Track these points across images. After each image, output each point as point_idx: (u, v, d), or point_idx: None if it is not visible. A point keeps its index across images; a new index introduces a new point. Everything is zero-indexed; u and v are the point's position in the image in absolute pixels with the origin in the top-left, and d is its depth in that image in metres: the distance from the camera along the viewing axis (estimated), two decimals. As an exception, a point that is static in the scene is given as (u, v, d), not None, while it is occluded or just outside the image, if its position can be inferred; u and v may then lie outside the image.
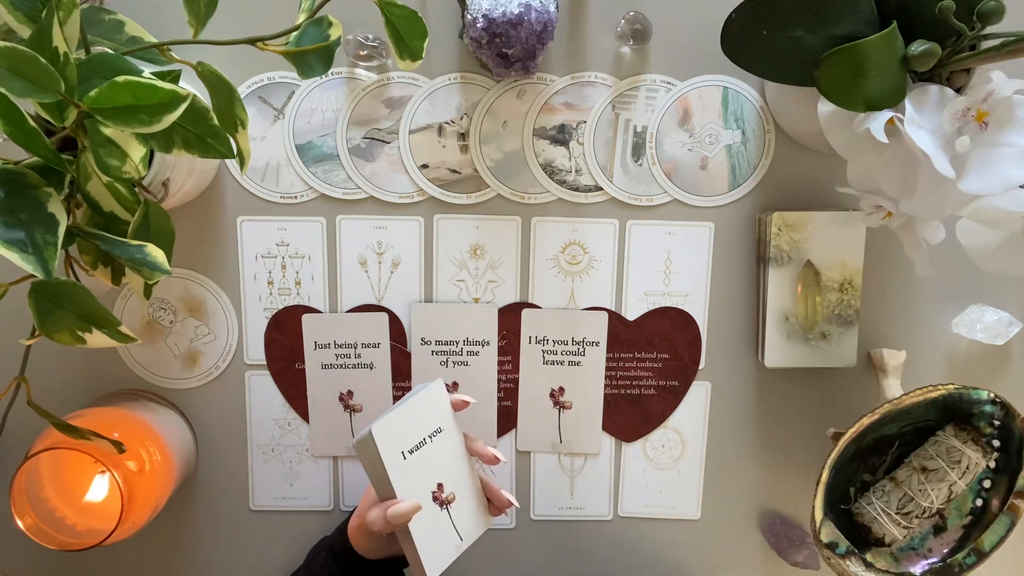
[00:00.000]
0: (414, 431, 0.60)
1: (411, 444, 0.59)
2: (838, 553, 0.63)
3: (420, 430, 0.60)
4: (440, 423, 0.61)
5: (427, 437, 0.60)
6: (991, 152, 0.52)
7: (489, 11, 0.60)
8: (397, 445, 0.58)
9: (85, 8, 0.49)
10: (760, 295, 0.70)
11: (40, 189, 0.44)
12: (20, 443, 0.62)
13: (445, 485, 0.61)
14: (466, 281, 0.71)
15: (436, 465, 0.61)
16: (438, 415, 0.61)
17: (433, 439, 0.61)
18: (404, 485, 0.58)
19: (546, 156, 0.70)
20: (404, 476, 0.58)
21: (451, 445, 0.62)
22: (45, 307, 0.47)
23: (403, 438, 0.59)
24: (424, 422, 0.60)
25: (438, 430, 0.61)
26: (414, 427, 0.60)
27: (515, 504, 0.63)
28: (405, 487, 0.58)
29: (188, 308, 0.70)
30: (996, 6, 0.50)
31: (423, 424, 0.60)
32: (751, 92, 0.69)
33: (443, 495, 0.61)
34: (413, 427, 0.60)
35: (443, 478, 0.61)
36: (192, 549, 0.73)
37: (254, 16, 0.66)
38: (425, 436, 0.60)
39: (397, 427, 0.59)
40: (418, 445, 0.60)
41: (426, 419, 0.61)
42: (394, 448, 0.58)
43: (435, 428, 0.61)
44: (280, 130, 0.68)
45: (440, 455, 0.61)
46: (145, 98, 0.42)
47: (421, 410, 0.60)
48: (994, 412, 0.64)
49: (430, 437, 0.60)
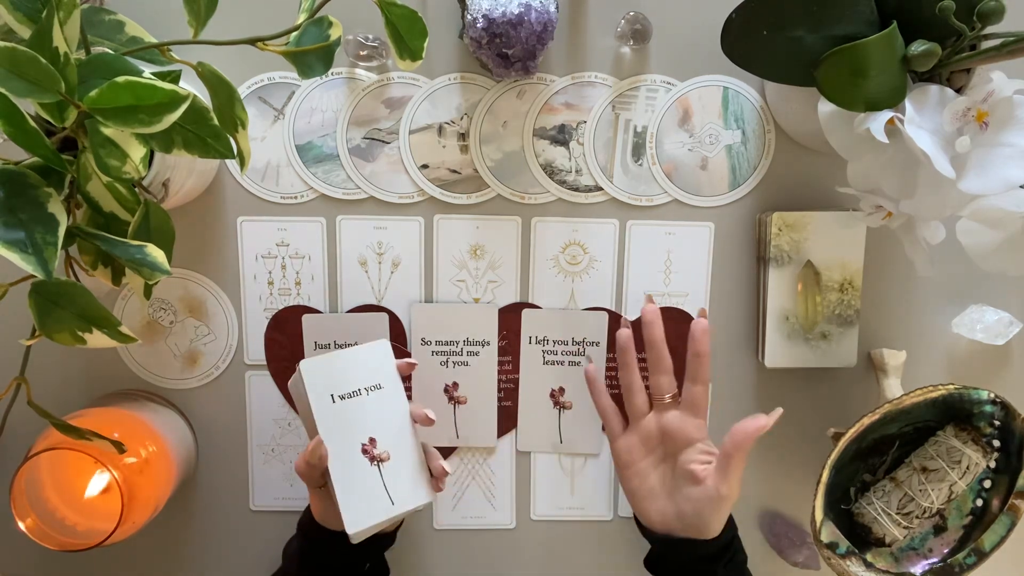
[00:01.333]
0: (349, 379, 0.60)
1: (343, 390, 0.60)
2: (838, 553, 0.63)
3: (356, 380, 0.61)
4: (381, 380, 0.61)
5: (364, 389, 0.61)
6: (991, 152, 0.52)
7: (489, 11, 0.60)
8: (327, 387, 0.59)
9: (85, 8, 0.49)
10: (760, 295, 0.70)
11: (40, 189, 0.44)
12: (20, 443, 0.62)
13: (378, 442, 0.60)
14: (466, 281, 0.71)
15: (370, 420, 0.60)
16: (380, 373, 0.62)
17: (370, 392, 0.61)
18: (329, 428, 0.59)
19: (546, 156, 0.70)
20: (331, 420, 0.59)
21: (391, 405, 0.62)
22: (45, 307, 0.47)
23: (335, 382, 0.60)
24: (362, 374, 0.61)
25: (377, 385, 0.61)
26: (350, 376, 0.60)
27: (448, 470, 0.62)
28: (330, 430, 0.59)
29: (188, 308, 0.70)
30: (996, 6, 0.50)
31: (361, 375, 0.61)
32: (751, 92, 0.69)
33: (375, 451, 0.60)
34: (349, 375, 0.60)
35: (376, 434, 0.60)
36: (192, 549, 0.73)
37: (254, 16, 0.66)
38: (361, 387, 0.61)
39: (329, 369, 0.59)
40: (351, 393, 0.60)
41: (365, 372, 0.61)
42: (323, 389, 0.59)
43: (374, 383, 0.61)
44: (280, 130, 0.68)
45: (376, 411, 0.61)
46: (145, 98, 0.42)
47: (360, 361, 0.61)
48: (994, 412, 0.64)
49: (367, 390, 0.61)
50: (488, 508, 0.74)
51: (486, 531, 0.74)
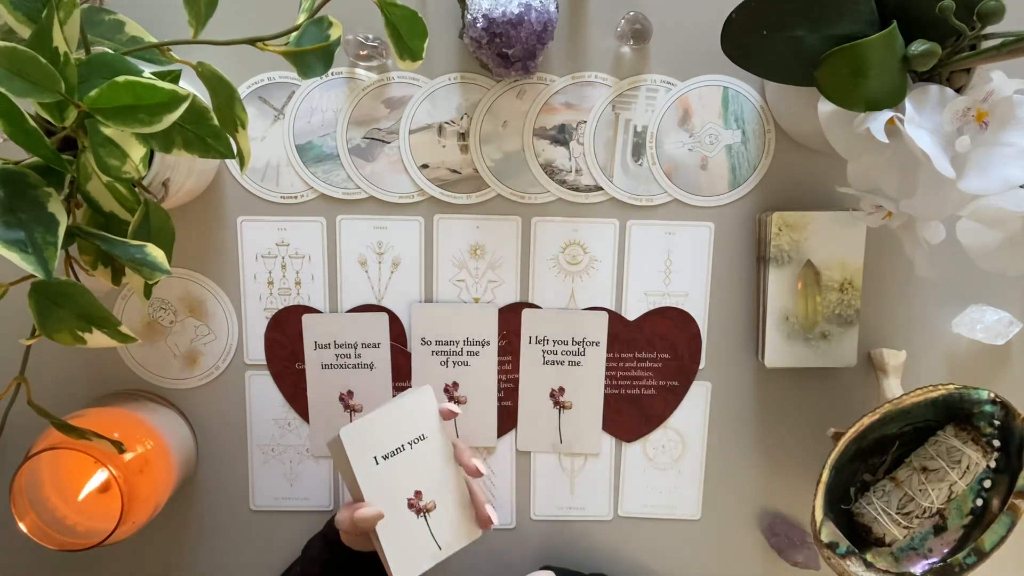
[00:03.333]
0: (391, 437, 0.59)
1: (386, 450, 0.59)
2: (838, 553, 0.63)
3: (399, 436, 0.59)
4: (424, 430, 0.61)
5: (407, 444, 0.60)
6: (991, 152, 0.52)
7: (489, 11, 0.60)
8: (369, 450, 0.58)
9: (85, 8, 0.49)
10: (760, 295, 0.70)
11: (40, 189, 0.44)
12: (20, 443, 0.62)
13: (424, 493, 0.60)
14: (466, 281, 0.71)
15: (415, 472, 0.60)
16: (422, 422, 0.61)
17: (414, 446, 0.60)
18: (374, 490, 0.58)
19: (546, 156, 0.70)
20: (374, 481, 0.58)
21: (435, 453, 0.61)
22: (45, 307, 0.47)
23: (377, 443, 0.58)
24: (404, 428, 0.60)
25: (421, 437, 0.60)
26: (392, 433, 0.59)
27: (494, 521, 0.62)
28: (375, 492, 0.58)
29: (188, 308, 0.70)
30: (996, 6, 0.50)
31: (403, 430, 0.60)
32: (751, 92, 0.69)
33: (420, 503, 0.60)
34: (390, 433, 0.59)
35: (422, 486, 0.60)
36: (192, 549, 0.73)
37: (254, 16, 0.66)
38: (404, 442, 0.60)
39: (370, 432, 0.58)
40: (394, 451, 0.59)
41: (407, 425, 0.60)
42: (365, 453, 0.58)
43: (417, 435, 0.60)
44: (280, 130, 0.68)
45: (420, 462, 0.60)
46: (145, 98, 0.42)
47: (401, 416, 0.60)
48: (994, 412, 0.64)
49: (410, 444, 0.60)
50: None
51: (486, 531, 0.74)
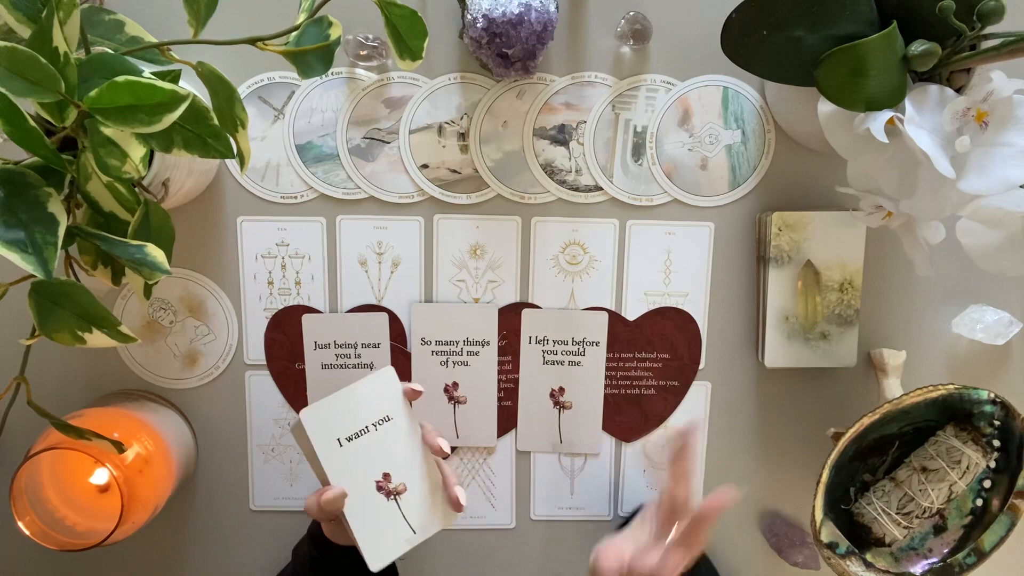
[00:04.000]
0: (354, 418, 0.58)
1: (350, 431, 0.58)
2: (838, 553, 0.63)
3: (362, 418, 0.58)
4: (388, 411, 0.59)
5: (371, 425, 0.58)
6: (991, 152, 0.52)
7: (489, 11, 0.60)
8: (332, 432, 0.57)
9: (85, 8, 0.49)
10: (760, 295, 0.70)
11: (40, 189, 0.44)
12: (20, 443, 0.62)
13: (393, 475, 0.59)
14: (466, 281, 0.71)
15: (382, 454, 0.59)
16: (386, 404, 0.59)
17: (378, 427, 0.59)
18: (339, 472, 0.57)
19: (546, 156, 0.70)
20: (340, 463, 0.57)
21: (402, 434, 0.60)
22: (45, 307, 0.47)
23: (340, 425, 0.57)
24: (368, 410, 0.59)
25: (385, 418, 0.59)
26: (354, 414, 0.58)
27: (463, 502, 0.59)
28: (341, 474, 0.57)
29: (188, 308, 0.70)
30: (996, 6, 0.50)
31: (366, 412, 0.58)
32: (751, 92, 0.69)
33: (390, 485, 0.59)
34: (353, 414, 0.58)
35: (391, 467, 0.59)
36: (192, 549, 0.73)
37: (254, 16, 0.66)
38: (368, 424, 0.58)
39: (332, 413, 0.57)
40: (358, 433, 0.58)
41: (370, 407, 0.59)
42: (328, 435, 0.57)
43: (382, 416, 0.59)
44: (280, 130, 0.68)
45: (387, 444, 0.59)
46: (145, 98, 0.42)
47: (363, 397, 0.58)
48: (994, 412, 0.64)
49: (375, 425, 0.59)
50: (488, 508, 0.74)
51: (486, 531, 0.74)
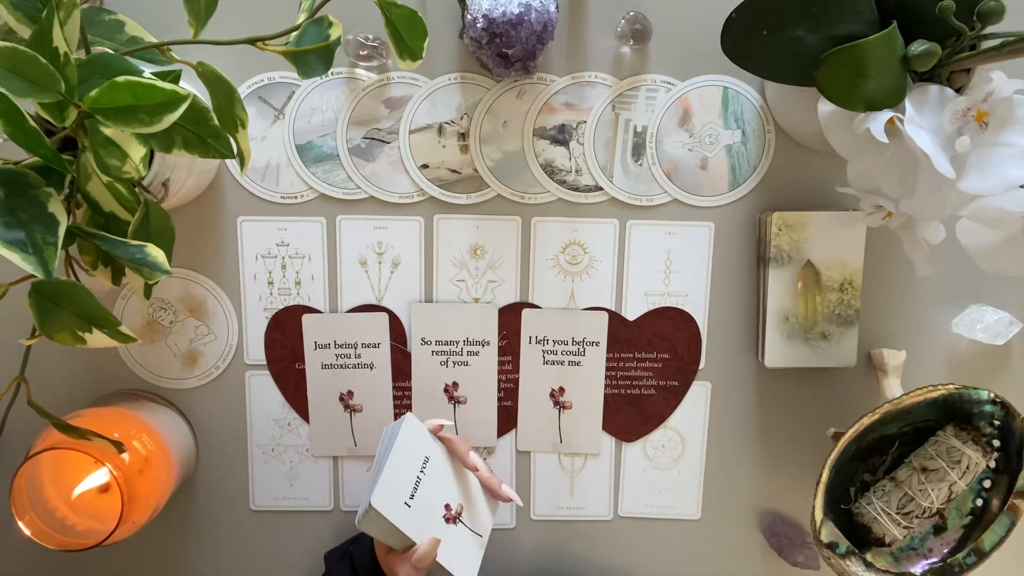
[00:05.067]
0: (407, 477, 0.59)
1: (409, 491, 0.59)
2: (838, 553, 0.63)
3: (411, 472, 0.60)
4: (424, 452, 0.61)
5: (419, 473, 0.60)
6: (991, 152, 0.52)
7: (489, 11, 0.60)
8: (398, 500, 0.58)
9: (85, 8, 0.49)
10: (760, 295, 0.70)
11: (40, 189, 0.44)
12: (20, 443, 0.62)
13: (451, 504, 0.61)
14: (466, 281, 0.71)
15: (436, 492, 0.61)
16: (420, 448, 0.61)
17: (424, 471, 0.60)
18: (417, 530, 0.58)
19: (546, 156, 0.70)
20: (414, 523, 0.58)
21: (441, 466, 0.62)
22: (45, 307, 0.47)
23: (400, 490, 0.59)
24: (411, 463, 0.60)
25: (425, 460, 0.61)
26: (405, 474, 0.59)
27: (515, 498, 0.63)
28: (418, 531, 0.58)
29: (188, 308, 0.70)
30: (996, 6, 0.50)
31: (411, 466, 0.60)
32: (751, 92, 0.69)
33: (451, 513, 0.61)
34: (405, 475, 0.59)
35: (447, 498, 0.61)
36: (192, 549, 0.73)
37: (254, 16, 0.66)
38: (417, 474, 0.60)
39: (392, 486, 0.58)
40: (415, 487, 0.59)
41: (412, 458, 0.60)
42: (397, 506, 0.58)
43: (422, 460, 0.61)
44: (280, 130, 0.68)
45: (436, 481, 0.61)
46: (145, 98, 0.42)
47: (405, 455, 0.60)
48: (994, 412, 0.64)
49: (421, 471, 0.60)
50: (488, 508, 0.74)
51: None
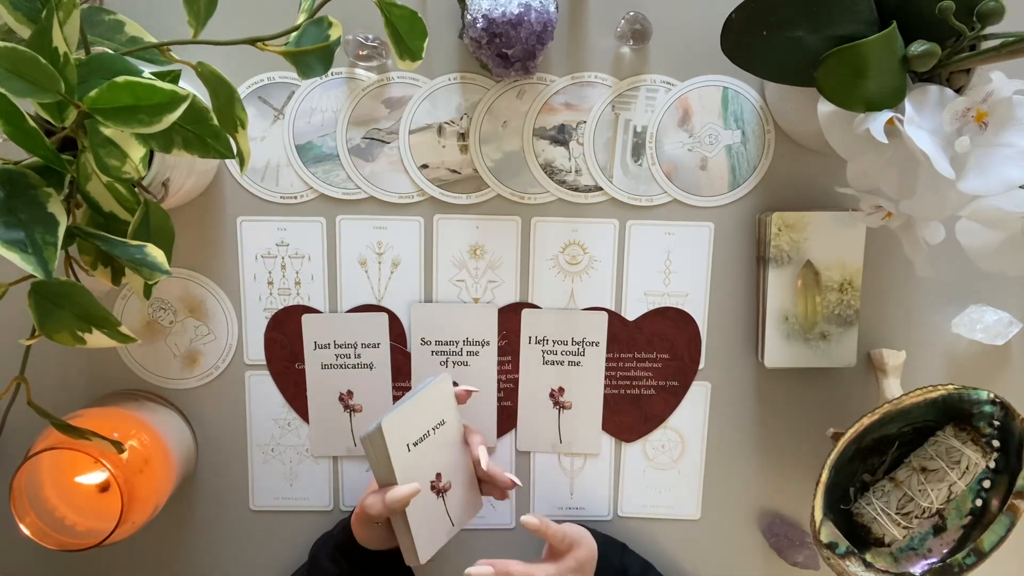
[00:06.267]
0: (420, 424, 0.61)
1: (416, 436, 0.60)
2: (838, 553, 0.63)
3: (425, 423, 0.61)
4: (443, 415, 0.62)
5: (431, 429, 0.61)
6: (991, 152, 0.52)
7: (489, 11, 0.60)
8: (403, 438, 0.60)
9: (85, 8, 0.49)
10: (760, 295, 0.70)
11: (40, 189, 0.44)
12: (20, 443, 0.62)
13: (443, 474, 0.62)
14: (466, 281, 0.71)
15: (436, 456, 0.62)
16: (442, 408, 0.62)
17: (436, 431, 0.62)
18: (406, 476, 0.60)
19: (546, 156, 0.70)
20: (407, 467, 0.60)
21: (451, 436, 0.63)
22: (45, 307, 0.47)
23: (409, 431, 0.60)
24: (429, 415, 0.62)
25: (441, 422, 0.62)
26: (420, 420, 0.61)
27: (517, 483, 0.63)
28: (407, 478, 0.60)
29: (188, 308, 0.70)
30: (996, 6, 0.50)
31: (428, 417, 0.61)
32: (751, 92, 0.69)
33: (440, 484, 0.62)
34: (419, 420, 0.61)
35: (442, 468, 0.62)
36: (192, 549, 0.73)
37: (254, 16, 0.66)
38: (429, 428, 0.61)
39: (405, 421, 0.60)
40: (422, 437, 0.61)
41: (431, 412, 0.62)
42: (400, 441, 0.59)
43: (439, 420, 0.62)
44: (280, 130, 0.68)
45: (441, 446, 0.62)
46: (145, 98, 0.42)
47: (428, 404, 0.62)
48: (994, 412, 0.64)
49: (433, 429, 0.62)
50: (488, 508, 0.74)
51: (486, 531, 0.74)
